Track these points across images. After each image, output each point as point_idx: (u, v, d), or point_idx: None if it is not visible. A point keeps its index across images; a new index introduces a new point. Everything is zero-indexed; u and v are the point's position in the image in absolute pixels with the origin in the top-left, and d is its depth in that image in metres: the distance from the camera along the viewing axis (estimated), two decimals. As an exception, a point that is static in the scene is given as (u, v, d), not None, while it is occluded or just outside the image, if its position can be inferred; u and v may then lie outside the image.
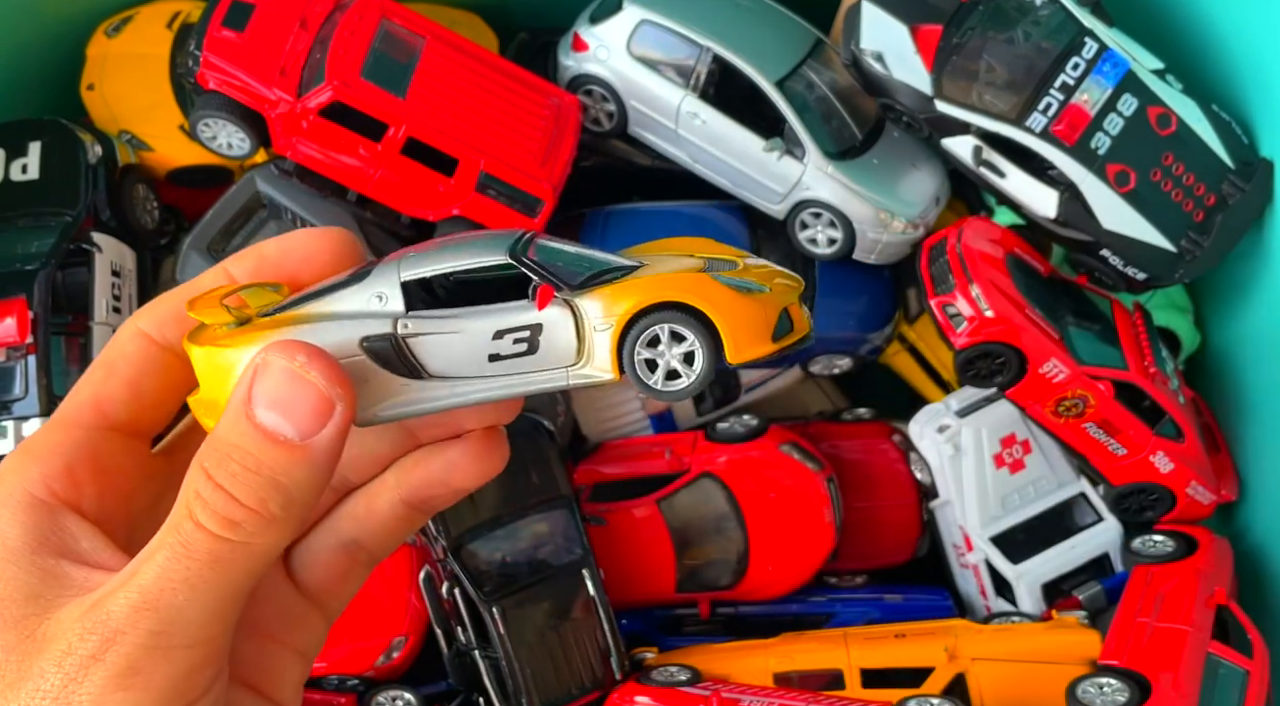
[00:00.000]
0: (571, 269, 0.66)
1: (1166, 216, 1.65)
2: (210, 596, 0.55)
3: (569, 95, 1.80)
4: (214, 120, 1.66)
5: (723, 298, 0.64)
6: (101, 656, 0.54)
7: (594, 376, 0.65)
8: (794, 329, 0.67)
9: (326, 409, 0.56)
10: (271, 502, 0.55)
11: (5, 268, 1.57)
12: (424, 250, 0.67)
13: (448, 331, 0.64)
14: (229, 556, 0.55)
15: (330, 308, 0.64)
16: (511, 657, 1.55)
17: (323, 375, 0.56)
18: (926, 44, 1.65)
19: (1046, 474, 1.78)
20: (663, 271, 0.66)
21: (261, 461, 0.55)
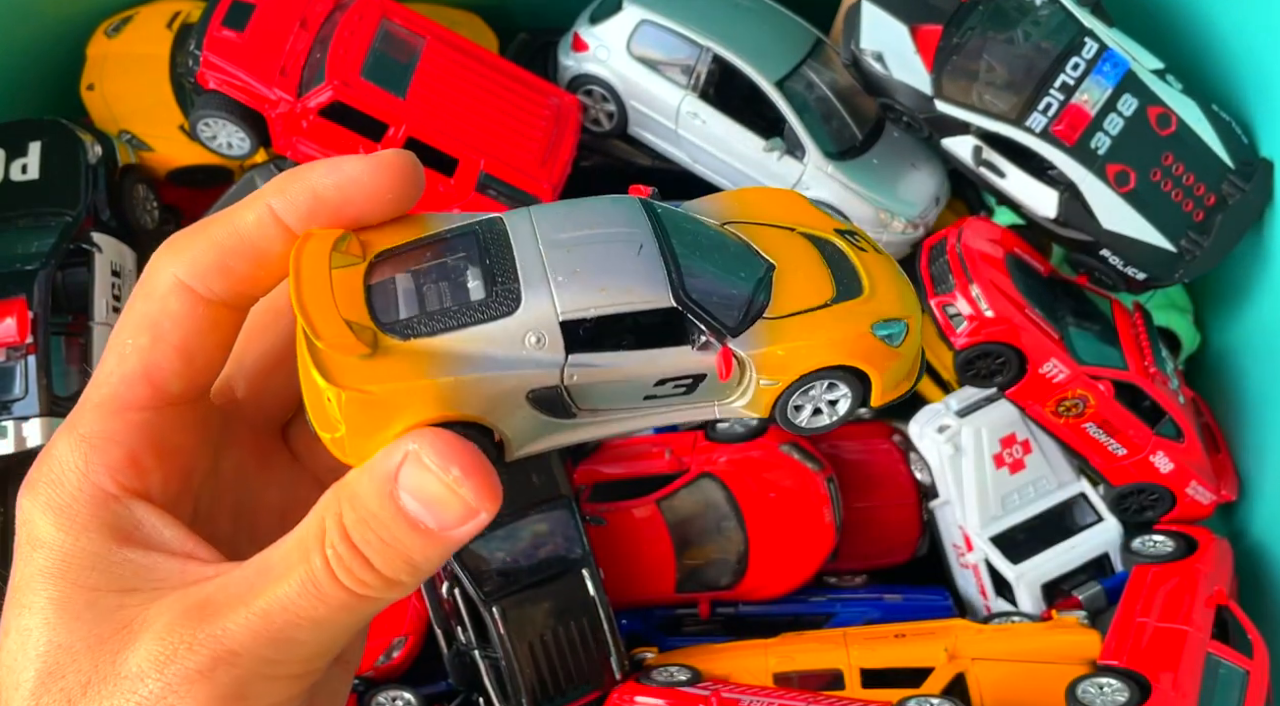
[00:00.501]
0: (721, 293, 0.63)
1: (1166, 216, 1.65)
2: (329, 635, 0.56)
3: (569, 95, 1.80)
4: (214, 120, 1.66)
5: (884, 360, 0.66)
6: (210, 674, 0.53)
7: (742, 414, 0.66)
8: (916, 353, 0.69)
9: (471, 515, 0.55)
10: (403, 573, 0.55)
11: (5, 268, 1.57)
12: (567, 257, 0.61)
13: (612, 379, 0.62)
14: (355, 607, 0.55)
15: (483, 349, 0.59)
16: (511, 657, 1.55)
17: (475, 492, 0.54)
18: (926, 44, 1.65)
19: (1046, 474, 1.78)
20: (807, 302, 0.65)
21: (399, 539, 0.54)
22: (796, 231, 0.70)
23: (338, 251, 0.60)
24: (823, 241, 0.70)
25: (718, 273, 0.64)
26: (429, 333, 0.59)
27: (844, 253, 0.69)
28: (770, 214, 0.71)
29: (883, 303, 0.67)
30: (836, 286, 0.67)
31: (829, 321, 0.65)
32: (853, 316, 0.66)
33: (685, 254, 0.63)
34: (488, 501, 0.54)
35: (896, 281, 0.69)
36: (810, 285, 0.67)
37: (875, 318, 0.66)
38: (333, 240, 0.60)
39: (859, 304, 0.67)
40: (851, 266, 0.69)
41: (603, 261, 0.61)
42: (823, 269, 0.68)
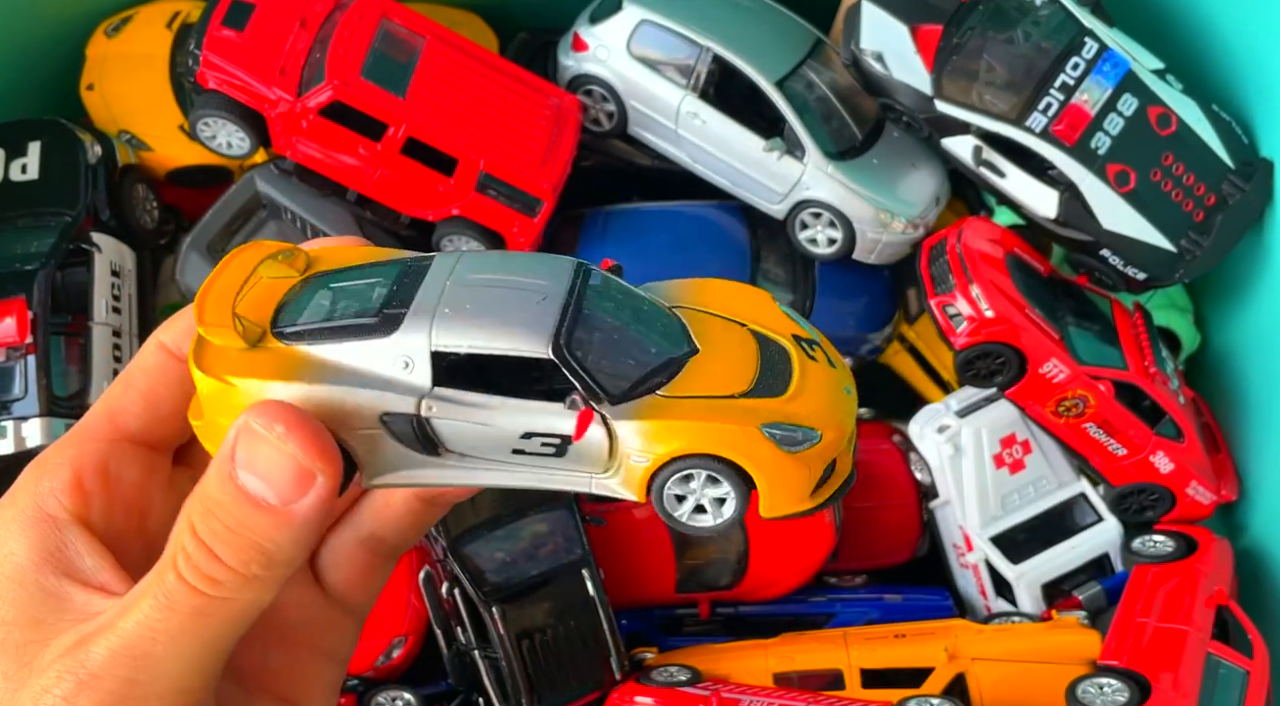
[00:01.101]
0: (618, 362, 0.61)
1: (1166, 216, 1.65)
2: (190, 648, 0.55)
3: (569, 95, 1.80)
4: (214, 119, 1.66)
5: (768, 457, 0.61)
6: (75, 699, 0.53)
7: (619, 492, 0.63)
8: (835, 472, 0.64)
9: (307, 480, 0.55)
10: (253, 563, 0.55)
11: (5, 268, 1.57)
12: (461, 298, 0.61)
13: (474, 422, 0.61)
14: (210, 611, 0.55)
15: (351, 361, 0.60)
16: (511, 657, 1.55)
17: (301, 448, 0.54)
18: (926, 44, 1.65)
19: (1046, 474, 1.78)
20: (709, 390, 0.62)
21: (244, 523, 0.54)
22: (748, 327, 0.67)
23: (280, 263, 0.63)
24: (770, 341, 0.67)
25: (621, 342, 0.62)
26: (309, 341, 0.60)
27: (788, 355, 0.66)
28: (730, 307, 0.69)
29: (799, 408, 0.63)
30: (756, 383, 0.63)
31: (720, 409, 0.62)
32: (749, 412, 0.62)
33: (591, 317, 0.62)
34: (318, 459, 0.54)
35: (831, 393, 0.65)
36: (727, 376, 0.64)
37: (775, 417, 0.62)
38: (270, 250, 0.63)
39: (767, 402, 0.63)
40: (788, 370, 0.65)
41: (497, 304, 0.61)
42: (752, 365, 0.64)
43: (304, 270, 0.64)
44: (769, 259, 1.88)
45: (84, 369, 1.61)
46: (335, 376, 0.59)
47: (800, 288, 1.88)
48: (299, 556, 0.56)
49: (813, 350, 0.67)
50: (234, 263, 0.62)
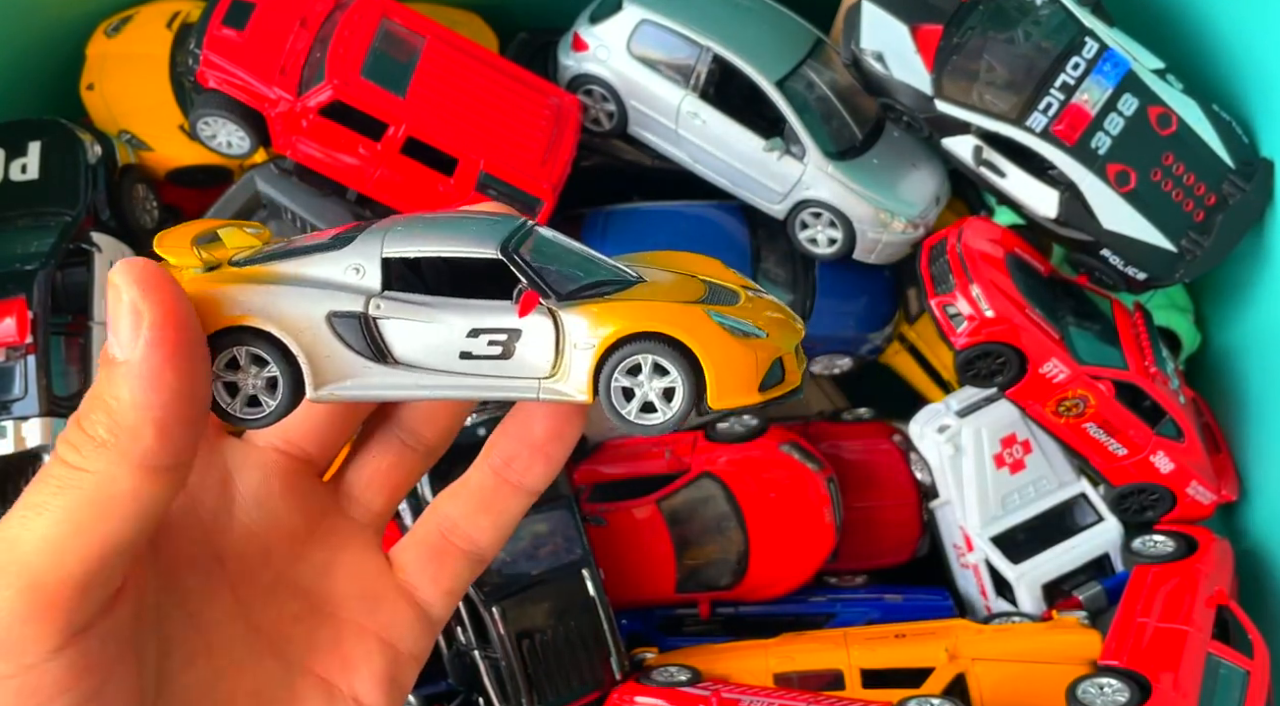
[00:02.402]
0: (565, 274, 0.63)
1: (1167, 216, 1.65)
2: (50, 528, 0.52)
3: (569, 95, 1.80)
4: (214, 118, 1.66)
5: (714, 337, 0.61)
6: None
7: (566, 394, 0.62)
8: (784, 380, 0.64)
9: (135, 322, 0.52)
10: (99, 424, 0.53)
11: (5, 267, 1.57)
12: (415, 222, 0.64)
13: (421, 319, 0.61)
14: (70, 483, 0.52)
15: (303, 269, 0.61)
16: (511, 657, 1.55)
17: (130, 288, 0.52)
18: (927, 44, 1.65)
19: (1047, 474, 1.78)
20: (659, 297, 0.64)
21: (97, 383, 0.54)
22: (699, 278, 0.68)
23: (247, 234, 0.66)
24: (719, 285, 0.68)
25: (569, 264, 0.64)
26: (263, 261, 0.62)
27: (736, 293, 0.67)
28: (681, 266, 0.70)
29: (743, 313, 0.64)
30: (703, 299, 0.64)
31: (663, 295, 0.63)
32: (691, 293, 0.64)
33: (540, 241, 0.64)
34: (146, 298, 0.52)
35: (777, 312, 0.66)
36: (675, 293, 0.65)
37: (723, 313, 0.63)
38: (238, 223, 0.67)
39: (715, 305, 0.64)
40: (736, 298, 0.66)
41: (450, 224, 0.63)
42: (700, 292, 0.66)
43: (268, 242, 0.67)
44: (769, 259, 1.88)
45: (84, 369, 1.61)
46: (284, 280, 0.61)
47: (800, 288, 1.88)
48: (140, 416, 0.52)
49: (760, 296, 0.69)
50: (198, 222, 0.65)
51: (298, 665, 0.64)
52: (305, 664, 0.65)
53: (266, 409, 0.62)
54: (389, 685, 0.66)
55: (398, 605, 0.67)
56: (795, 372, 0.65)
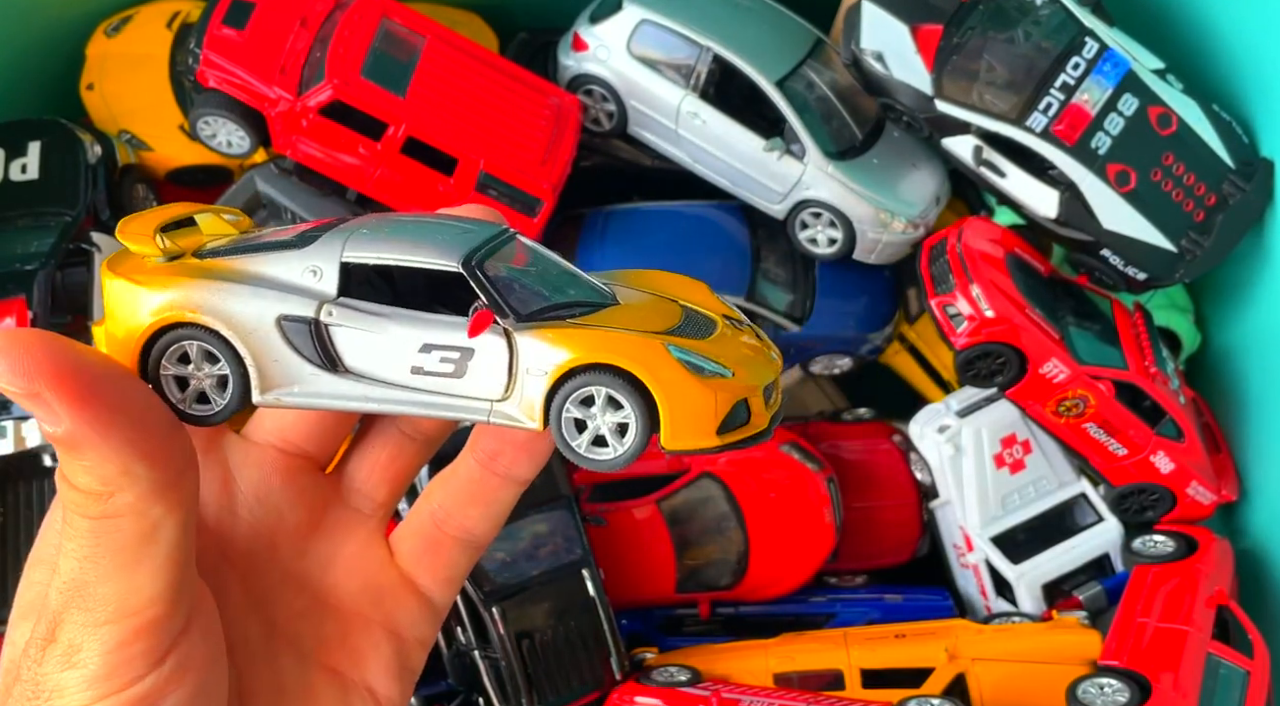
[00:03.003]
0: (530, 293, 0.60)
1: (1167, 216, 1.65)
2: (113, 570, 0.54)
3: (569, 95, 1.80)
4: (213, 118, 1.66)
5: (671, 374, 0.58)
6: (51, 637, 0.55)
7: (517, 420, 0.60)
8: (749, 422, 0.60)
9: (40, 402, 0.51)
10: (93, 483, 0.54)
11: (5, 267, 1.57)
12: (383, 225, 0.61)
13: (373, 330, 0.59)
14: (107, 532, 0.54)
15: (262, 268, 0.60)
16: (511, 657, 1.55)
17: (6, 375, 0.50)
18: (927, 44, 1.65)
19: (1047, 474, 1.78)
20: (626, 324, 0.60)
21: (66, 459, 0.54)
22: (677, 302, 0.66)
23: (225, 222, 0.67)
24: (696, 312, 0.64)
25: (537, 280, 0.61)
26: (224, 255, 0.61)
27: (713, 322, 0.64)
28: (664, 288, 0.67)
29: (711, 348, 0.60)
30: (673, 329, 0.61)
31: (627, 323, 0.60)
32: (657, 338, 0.59)
33: (510, 254, 0.62)
34: (32, 369, 0.50)
35: (751, 350, 0.62)
36: (644, 322, 0.61)
37: (685, 347, 0.59)
38: (216, 209, 0.67)
39: (680, 338, 0.60)
40: (711, 328, 0.63)
41: (417, 230, 0.61)
42: (673, 319, 0.62)
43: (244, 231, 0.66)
44: (769, 259, 1.88)
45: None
46: (239, 278, 0.59)
47: (800, 288, 1.88)
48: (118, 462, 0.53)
49: (742, 326, 0.66)
50: (171, 206, 0.65)
51: (310, 659, 0.65)
52: (317, 657, 0.65)
53: (215, 407, 0.61)
54: (399, 671, 0.67)
55: (401, 595, 0.68)
56: (762, 415, 0.61)
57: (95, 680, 0.53)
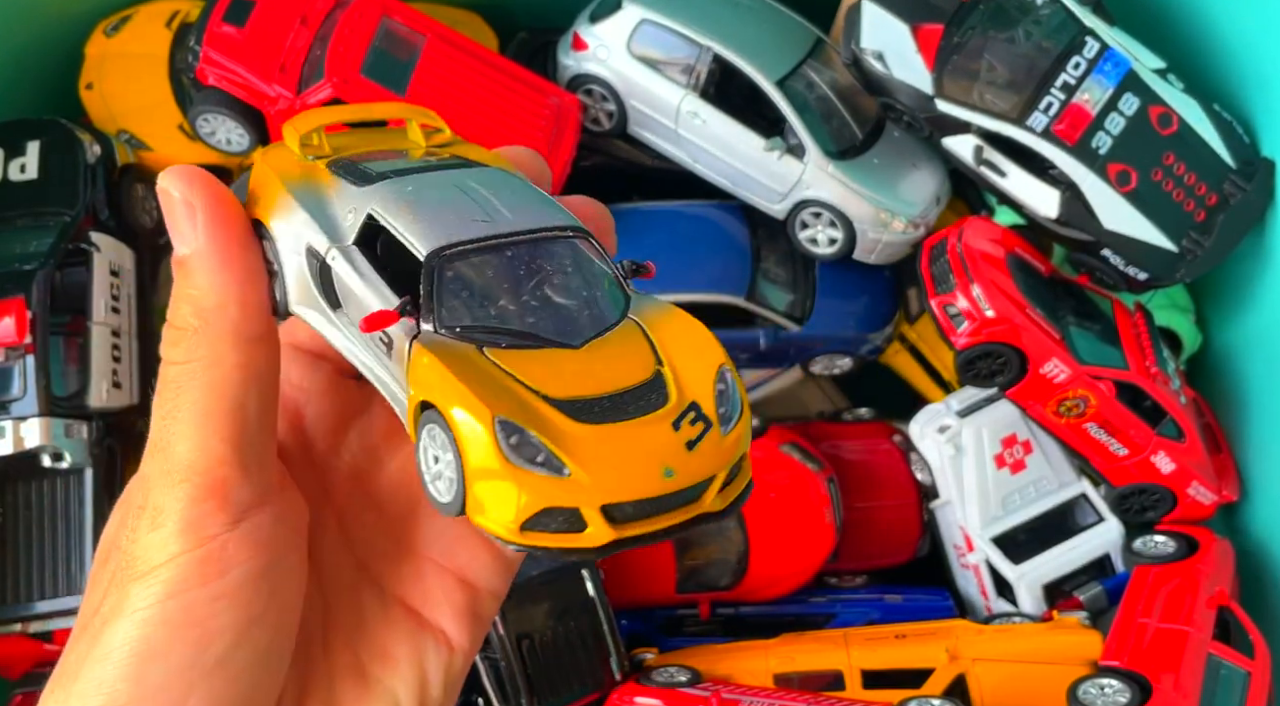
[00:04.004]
0: (474, 308, 0.56)
1: (1168, 216, 1.64)
2: (188, 425, 0.58)
3: (569, 95, 1.79)
4: (213, 115, 1.66)
5: (480, 450, 0.51)
6: (144, 504, 0.58)
7: (405, 424, 0.57)
8: (583, 533, 0.52)
9: (189, 213, 0.59)
10: (188, 314, 0.59)
11: (4, 267, 1.56)
12: (426, 186, 0.60)
13: (352, 288, 0.59)
14: (187, 377, 0.58)
15: (328, 192, 0.61)
16: (511, 658, 1.55)
17: (178, 186, 0.59)
18: (927, 43, 1.65)
19: (1047, 474, 1.78)
20: (523, 375, 0.54)
21: (177, 285, 0.60)
22: (662, 367, 0.58)
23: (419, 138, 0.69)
24: (661, 386, 0.56)
25: (510, 297, 0.57)
26: (332, 168, 0.63)
27: (655, 404, 0.55)
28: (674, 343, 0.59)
29: (583, 441, 0.53)
30: (583, 401, 0.54)
31: (495, 386, 0.53)
32: (517, 404, 0.53)
33: (509, 261, 0.57)
34: (192, 189, 0.59)
35: (645, 457, 0.53)
36: (567, 379, 0.55)
37: (534, 426, 0.52)
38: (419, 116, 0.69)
39: (556, 415, 0.53)
40: (645, 408, 0.55)
41: (446, 203, 0.59)
42: (609, 384, 0.56)
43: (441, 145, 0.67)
44: (769, 259, 1.88)
45: (83, 369, 1.61)
46: (310, 196, 0.61)
47: (800, 288, 1.88)
48: (222, 294, 0.59)
49: (695, 424, 0.56)
50: (363, 108, 0.67)
51: (390, 595, 0.67)
52: (396, 593, 0.67)
53: (277, 299, 0.64)
54: (471, 619, 0.68)
55: (470, 542, 0.69)
56: (601, 531, 0.53)
57: (173, 537, 0.57)
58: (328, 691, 0.64)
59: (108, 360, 1.64)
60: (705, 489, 0.55)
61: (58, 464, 1.54)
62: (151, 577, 0.56)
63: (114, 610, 0.57)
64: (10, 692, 1.67)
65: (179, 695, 0.56)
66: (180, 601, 0.56)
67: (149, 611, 0.56)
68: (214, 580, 0.57)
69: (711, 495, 0.55)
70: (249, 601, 0.58)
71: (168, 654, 0.56)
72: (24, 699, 1.67)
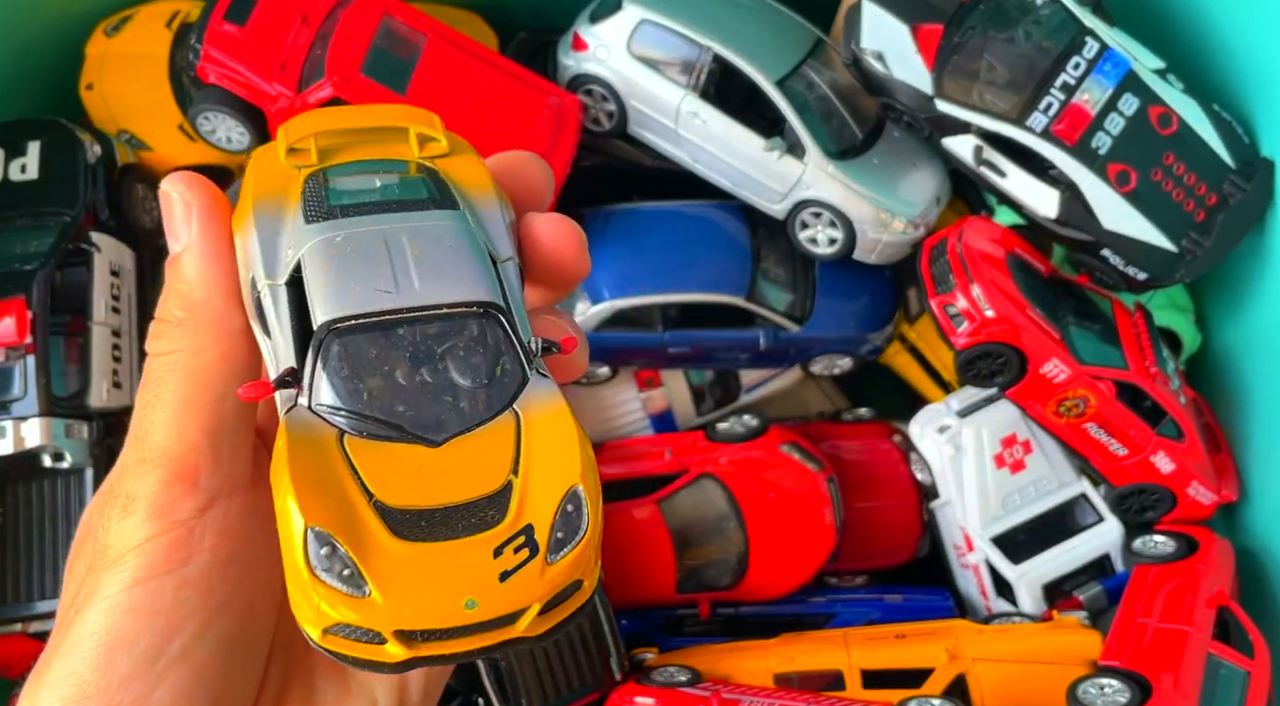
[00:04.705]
0: (356, 386, 0.55)
1: (1167, 216, 1.64)
2: (166, 412, 0.59)
3: (569, 95, 1.79)
4: (213, 113, 1.66)
5: (290, 555, 0.52)
6: (117, 492, 0.60)
7: None
8: (376, 646, 0.52)
9: (186, 213, 0.61)
10: (174, 307, 0.61)
11: (4, 267, 1.56)
12: (364, 240, 0.58)
13: (272, 327, 0.58)
14: (168, 368, 0.60)
15: (282, 215, 0.60)
16: (511, 658, 1.55)
17: (177, 188, 0.62)
18: (927, 43, 1.65)
19: (1047, 474, 1.78)
20: (335, 477, 0.54)
21: (167, 281, 0.62)
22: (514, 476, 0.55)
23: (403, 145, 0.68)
24: (505, 496, 0.55)
25: (409, 374, 0.56)
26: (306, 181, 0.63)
27: (495, 518, 0.54)
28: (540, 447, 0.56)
29: (396, 556, 0.51)
30: (399, 512, 0.53)
31: (336, 484, 0.53)
32: (304, 517, 0.52)
33: (421, 351, 0.56)
34: (189, 191, 0.62)
35: (448, 586, 0.51)
36: (459, 476, 0.54)
37: (350, 543, 0.51)
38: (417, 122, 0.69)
39: (373, 524, 0.52)
40: (475, 528, 0.53)
41: (359, 258, 0.58)
42: (490, 479, 0.54)
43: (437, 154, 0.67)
44: (769, 259, 1.88)
45: (83, 369, 1.61)
46: (273, 216, 0.61)
47: (800, 288, 1.88)
48: (209, 288, 0.61)
49: (519, 552, 0.53)
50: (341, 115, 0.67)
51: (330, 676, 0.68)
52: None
53: None
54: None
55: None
56: (397, 650, 0.52)
57: (142, 523, 0.58)
58: (308, 688, 0.65)
59: (108, 360, 1.64)
60: (517, 617, 0.53)
61: (58, 464, 1.54)
62: (119, 565, 0.57)
63: (85, 598, 0.57)
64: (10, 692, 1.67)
65: (147, 686, 0.56)
66: (147, 588, 0.57)
67: (117, 598, 0.56)
68: (179, 567, 0.57)
69: (525, 622, 0.53)
70: (212, 588, 0.58)
71: (134, 642, 0.56)
72: (24, 698, 1.67)
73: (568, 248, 0.65)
